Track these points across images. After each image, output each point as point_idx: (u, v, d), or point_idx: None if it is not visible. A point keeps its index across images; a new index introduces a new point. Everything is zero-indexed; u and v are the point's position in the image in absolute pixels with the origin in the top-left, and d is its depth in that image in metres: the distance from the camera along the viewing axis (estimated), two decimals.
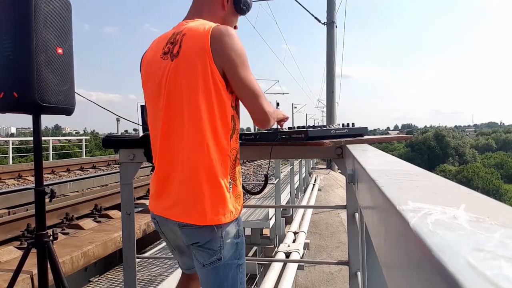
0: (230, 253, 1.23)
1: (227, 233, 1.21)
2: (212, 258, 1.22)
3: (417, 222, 0.29)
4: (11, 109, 1.75)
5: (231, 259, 1.23)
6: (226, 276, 1.23)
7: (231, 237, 1.23)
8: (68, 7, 1.86)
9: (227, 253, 1.22)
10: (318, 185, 11.07)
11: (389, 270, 0.40)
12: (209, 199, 1.18)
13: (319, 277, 6.32)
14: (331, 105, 15.09)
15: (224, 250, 1.21)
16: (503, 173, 44.19)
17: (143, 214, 4.49)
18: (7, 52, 1.67)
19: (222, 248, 1.21)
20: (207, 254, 1.22)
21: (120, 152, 1.83)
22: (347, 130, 1.68)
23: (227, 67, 1.18)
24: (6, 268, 2.73)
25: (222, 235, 1.21)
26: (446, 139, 50.58)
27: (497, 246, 0.23)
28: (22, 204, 5.24)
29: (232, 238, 1.23)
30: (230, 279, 1.24)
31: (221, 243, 1.21)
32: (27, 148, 16.21)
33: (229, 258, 1.23)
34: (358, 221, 1.58)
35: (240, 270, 1.26)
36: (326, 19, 14.79)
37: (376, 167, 0.70)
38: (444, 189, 0.45)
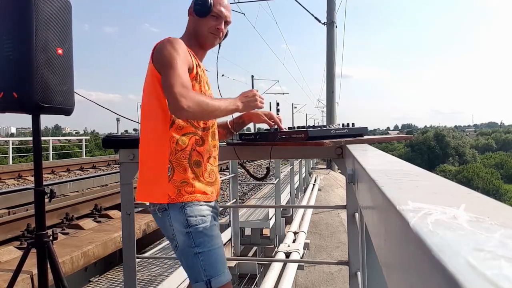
0: (183, 241, 1.35)
1: (175, 222, 1.35)
2: (172, 245, 1.39)
3: (417, 222, 0.29)
4: (10, 109, 1.75)
5: (187, 248, 1.35)
6: (187, 263, 1.37)
7: (179, 226, 1.35)
8: (68, 7, 1.86)
9: (181, 242, 1.35)
10: (318, 185, 11.07)
11: (389, 270, 0.40)
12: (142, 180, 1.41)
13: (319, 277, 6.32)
14: (331, 105, 15.09)
15: (177, 238, 1.36)
16: (503, 173, 44.20)
17: (143, 214, 4.49)
18: (7, 52, 1.67)
19: (175, 236, 1.36)
20: (170, 241, 1.41)
21: (120, 152, 1.83)
22: (347, 130, 1.68)
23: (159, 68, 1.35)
24: (6, 268, 2.73)
25: (171, 224, 1.36)
26: (446, 139, 50.57)
27: (497, 246, 0.23)
28: (22, 204, 5.24)
29: (181, 227, 1.35)
30: (191, 267, 1.36)
31: (173, 231, 1.36)
32: (27, 148, 16.21)
33: (185, 246, 1.35)
34: (358, 221, 1.58)
35: (199, 257, 1.34)
36: (326, 19, 14.78)
37: (376, 167, 0.70)
38: (444, 189, 0.45)
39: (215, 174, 1.49)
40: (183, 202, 1.35)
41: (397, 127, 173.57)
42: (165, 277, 2.92)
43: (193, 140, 1.40)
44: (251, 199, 7.55)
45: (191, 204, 1.36)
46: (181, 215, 1.34)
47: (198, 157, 1.41)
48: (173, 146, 1.37)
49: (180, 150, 1.37)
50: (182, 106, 1.24)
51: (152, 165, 1.39)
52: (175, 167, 1.37)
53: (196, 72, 1.41)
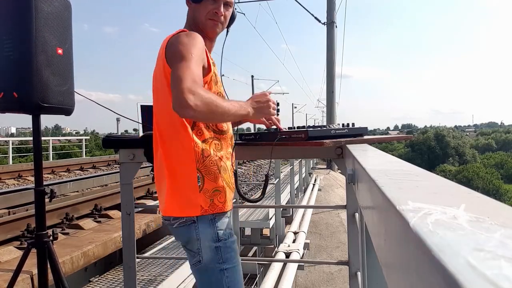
0: (210, 256, 1.24)
1: (204, 236, 1.23)
2: (194, 259, 1.26)
3: (417, 222, 0.29)
4: (11, 109, 1.75)
5: (212, 263, 1.24)
6: (209, 279, 1.25)
7: (209, 240, 1.24)
8: (68, 7, 1.86)
9: (206, 257, 1.23)
10: (318, 185, 11.07)
11: (389, 270, 0.40)
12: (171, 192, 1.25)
13: (319, 277, 6.32)
14: (331, 105, 15.09)
15: (203, 253, 1.23)
16: (503, 173, 44.19)
17: (143, 214, 4.48)
18: (7, 52, 1.67)
19: (201, 250, 1.23)
20: (190, 255, 1.28)
21: (120, 152, 1.83)
22: (347, 130, 1.68)
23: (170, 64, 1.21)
24: (6, 268, 2.73)
25: (199, 237, 1.23)
26: (446, 139, 50.56)
27: (497, 246, 0.23)
28: (22, 204, 5.24)
29: (211, 241, 1.24)
30: (214, 284, 1.24)
31: (198, 245, 1.23)
32: (27, 148, 16.20)
33: (210, 261, 1.24)
34: (358, 221, 1.58)
35: (225, 274, 1.24)
36: (326, 19, 14.78)
37: (376, 167, 0.70)
38: (444, 189, 0.45)
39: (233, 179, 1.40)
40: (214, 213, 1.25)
41: (397, 127, 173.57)
42: (165, 277, 2.92)
43: (213, 145, 1.29)
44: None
45: (220, 215, 1.27)
46: (211, 228, 1.24)
47: (223, 163, 1.31)
48: (199, 152, 1.24)
49: (207, 156, 1.25)
50: (189, 103, 1.07)
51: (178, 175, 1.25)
52: (204, 175, 1.25)
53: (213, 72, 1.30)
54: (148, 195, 6.23)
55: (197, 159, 1.24)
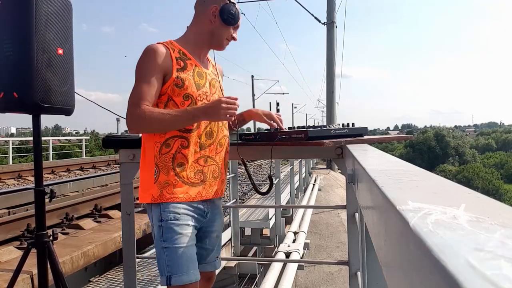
0: (155, 234, 1.43)
1: (154, 215, 1.44)
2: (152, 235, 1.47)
3: (417, 222, 0.29)
4: (11, 109, 1.75)
5: (157, 239, 1.42)
6: (157, 255, 1.43)
7: (155, 219, 1.43)
8: (68, 7, 1.86)
9: (154, 234, 1.44)
10: (318, 185, 11.07)
11: (389, 270, 0.40)
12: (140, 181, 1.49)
13: (319, 277, 6.32)
14: (331, 105, 15.09)
15: (153, 231, 1.46)
16: (503, 173, 44.19)
17: (143, 214, 4.48)
18: (7, 52, 1.67)
19: (153, 228, 1.45)
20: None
21: (120, 152, 1.83)
22: (347, 130, 1.68)
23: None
24: (6, 268, 2.73)
25: (152, 217, 1.45)
26: (446, 139, 50.56)
27: (497, 246, 0.23)
28: (22, 204, 5.24)
29: (156, 220, 1.42)
30: (158, 259, 1.42)
31: (152, 223, 1.46)
32: (27, 148, 16.20)
33: (156, 239, 1.43)
34: (358, 221, 1.58)
35: (165, 253, 1.39)
36: (326, 19, 14.78)
37: (376, 167, 0.70)
38: (444, 189, 0.45)
39: (204, 174, 1.50)
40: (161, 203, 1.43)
41: (397, 127, 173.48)
42: None
43: (178, 143, 1.45)
44: (251, 199, 7.54)
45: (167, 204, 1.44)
46: (158, 209, 1.43)
47: (182, 159, 1.45)
48: (157, 150, 1.45)
49: (164, 154, 1.44)
50: (128, 125, 1.40)
51: (143, 168, 1.48)
52: (160, 169, 1.44)
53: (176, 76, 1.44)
54: None
55: (155, 155, 1.45)
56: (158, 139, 1.45)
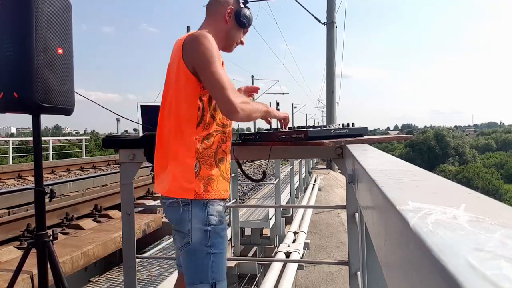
0: (199, 238, 1.32)
1: (195, 218, 1.33)
2: (183, 241, 1.34)
3: (417, 222, 0.29)
4: (11, 109, 1.75)
5: (200, 245, 1.32)
6: (196, 261, 1.33)
7: (199, 222, 1.33)
8: (68, 7, 1.86)
9: (196, 238, 1.32)
10: (318, 185, 11.07)
11: (389, 270, 0.40)
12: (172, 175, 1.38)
13: (319, 277, 6.32)
14: (331, 105, 15.09)
15: (193, 234, 1.33)
16: (503, 173, 44.20)
17: (143, 214, 4.48)
18: (7, 52, 1.67)
19: (191, 232, 1.33)
20: (180, 237, 1.36)
21: (120, 152, 1.83)
22: (347, 130, 1.68)
23: (196, 66, 1.35)
24: (6, 268, 2.73)
25: (190, 219, 1.33)
26: (446, 139, 50.55)
27: (497, 246, 0.23)
28: (22, 204, 5.24)
29: (201, 224, 1.33)
30: (200, 265, 1.32)
31: (189, 226, 1.33)
32: (27, 148, 16.20)
33: (199, 243, 1.32)
34: (358, 221, 1.58)
35: (211, 259, 1.32)
36: (326, 19, 14.78)
37: (376, 167, 0.70)
38: (444, 189, 0.45)
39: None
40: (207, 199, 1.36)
41: (397, 127, 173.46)
42: (165, 277, 2.92)
43: (218, 138, 1.42)
44: (251, 199, 7.54)
45: (213, 202, 1.37)
46: (203, 212, 1.34)
47: (222, 154, 1.44)
48: (199, 144, 1.38)
49: (206, 148, 1.39)
50: (236, 109, 1.31)
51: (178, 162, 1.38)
52: (201, 164, 1.38)
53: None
54: (148, 195, 6.23)
55: (197, 149, 1.38)
56: (200, 133, 1.39)
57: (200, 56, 1.33)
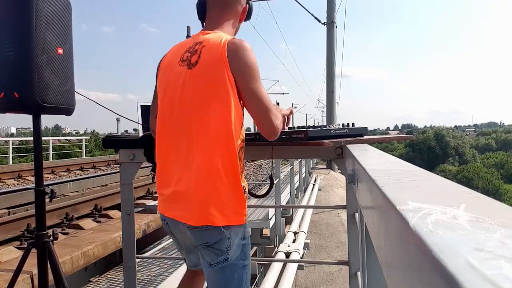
0: (236, 254, 1.27)
1: (235, 234, 1.26)
2: (220, 258, 1.26)
3: (417, 222, 0.29)
4: (11, 109, 1.75)
5: (238, 260, 1.28)
6: (232, 276, 1.27)
7: (238, 238, 1.27)
8: (68, 7, 1.86)
9: (233, 254, 1.26)
10: (318, 185, 11.07)
11: (389, 270, 0.40)
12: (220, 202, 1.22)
13: (319, 277, 6.32)
14: (331, 105, 15.09)
15: (231, 250, 1.25)
16: (503, 173, 44.20)
17: (143, 214, 4.49)
18: (7, 52, 1.67)
19: (229, 248, 1.25)
20: (214, 254, 1.26)
21: (120, 152, 1.83)
22: (347, 130, 1.68)
23: (239, 78, 1.24)
24: (6, 268, 2.73)
25: (230, 236, 1.24)
26: (446, 139, 50.55)
27: (497, 246, 0.23)
28: (22, 204, 5.24)
29: (239, 239, 1.27)
30: (236, 279, 1.28)
31: (228, 243, 1.25)
32: (27, 148, 16.20)
33: (236, 258, 1.27)
34: (358, 221, 1.58)
35: (245, 270, 1.30)
36: (326, 19, 14.79)
37: (376, 167, 0.70)
38: (444, 189, 0.45)
39: None
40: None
41: (397, 127, 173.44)
42: (165, 277, 2.92)
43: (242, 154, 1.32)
44: (251, 199, 7.54)
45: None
46: (241, 228, 1.28)
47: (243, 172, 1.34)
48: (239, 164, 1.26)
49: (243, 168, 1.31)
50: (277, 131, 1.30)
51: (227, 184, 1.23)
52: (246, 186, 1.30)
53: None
54: (148, 195, 6.23)
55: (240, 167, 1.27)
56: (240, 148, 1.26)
57: (247, 70, 1.24)
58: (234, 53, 1.23)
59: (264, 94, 1.27)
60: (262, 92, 1.26)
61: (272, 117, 1.27)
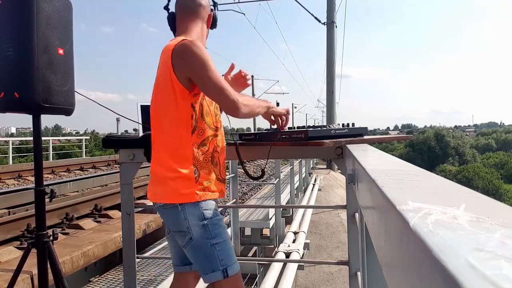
0: (199, 233, 1.39)
1: (191, 216, 1.39)
2: (185, 238, 1.40)
3: (417, 222, 0.29)
4: (12, 109, 1.75)
5: (202, 239, 1.39)
6: (203, 254, 1.40)
7: (196, 219, 1.39)
8: (69, 7, 1.86)
9: (196, 234, 1.39)
10: (318, 185, 11.07)
11: (389, 270, 0.40)
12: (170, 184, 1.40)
13: (319, 277, 6.32)
14: (331, 105, 15.08)
15: (192, 231, 1.39)
16: (503, 173, 44.20)
17: (143, 214, 4.48)
18: (8, 52, 1.67)
19: (190, 229, 1.39)
20: (180, 236, 1.42)
21: (120, 152, 1.83)
22: (347, 130, 1.68)
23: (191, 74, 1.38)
24: (6, 268, 2.73)
25: (186, 217, 1.39)
26: (446, 139, 50.54)
27: (497, 246, 0.23)
28: (22, 204, 5.24)
29: (197, 220, 1.39)
30: (209, 257, 1.39)
31: (187, 224, 1.39)
32: (27, 148, 16.20)
33: (200, 238, 1.39)
34: (358, 221, 1.58)
35: (216, 248, 1.39)
36: (326, 19, 14.78)
37: (376, 167, 0.70)
38: (444, 189, 0.45)
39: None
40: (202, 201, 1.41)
41: (397, 127, 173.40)
42: (165, 277, 2.92)
43: (213, 142, 1.47)
44: (251, 199, 7.54)
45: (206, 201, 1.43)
46: (197, 209, 1.40)
47: (217, 157, 1.50)
48: (196, 151, 1.42)
49: (203, 154, 1.44)
50: (239, 107, 1.37)
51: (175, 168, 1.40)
52: (200, 170, 1.42)
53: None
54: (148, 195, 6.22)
55: (194, 156, 1.42)
56: (195, 140, 1.43)
57: (194, 66, 1.36)
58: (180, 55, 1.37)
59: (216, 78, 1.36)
60: (214, 77, 1.35)
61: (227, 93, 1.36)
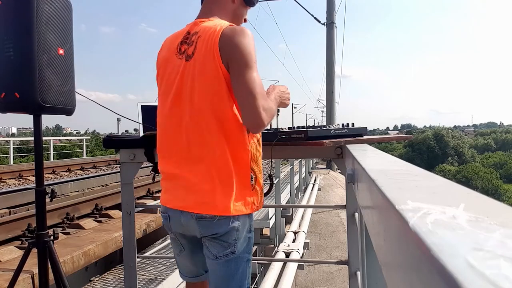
0: (243, 246, 1.25)
1: (243, 226, 1.23)
2: (226, 250, 1.23)
3: (416, 222, 0.29)
4: (12, 109, 1.75)
5: (243, 253, 1.26)
6: (237, 269, 1.25)
7: (245, 231, 1.25)
8: (69, 7, 1.86)
9: (240, 247, 1.24)
10: (318, 185, 11.07)
11: (389, 270, 0.40)
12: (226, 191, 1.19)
13: (319, 277, 6.32)
14: (331, 105, 15.08)
15: (239, 243, 1.24)
16: (502, 173, 44.18)
17: (143, 214, 4.49)
18: (8, 52, 1.67)
19: (237, 241, 1.23)
20: (221, 246, 1.23)
21: (121, 152, 1.83)
22: (346, 130, 1.68)
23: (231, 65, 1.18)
24: (7, 268, 2.73)
25: (238, 229, 1.22)
26: (445, 139, 50.52)
27: (496, 246, 0.23)
28: (23, 204, 5.24)
29: (246, 232, 1.25)
30: (240, 273, 1.26)
31: (236, 236, 1.22)
32: (28, 148, 16.19)
33: (242, 251, 1.25)
34: (357, 221, 1.59)
35: (248, 264, 1.29)
36: (325, 19, 14.78)
37: (376, 167, 0.70)
38: (443, 189, 0.45)
39: None
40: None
41: (397, 127, 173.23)
42: (165, 277, 2.92)
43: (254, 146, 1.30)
44: None
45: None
46: (249, 220, 1.27)
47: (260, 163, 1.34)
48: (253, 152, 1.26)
49: (257, 157, 1.29)
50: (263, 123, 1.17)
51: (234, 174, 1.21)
52: (257, 175, 1.27)
53: None
54: (148, 195, 6.23)
55: (252, 158, 1.25)
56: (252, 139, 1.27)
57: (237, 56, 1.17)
58: (226, 41, 1.18)
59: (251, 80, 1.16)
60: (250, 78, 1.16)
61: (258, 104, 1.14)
